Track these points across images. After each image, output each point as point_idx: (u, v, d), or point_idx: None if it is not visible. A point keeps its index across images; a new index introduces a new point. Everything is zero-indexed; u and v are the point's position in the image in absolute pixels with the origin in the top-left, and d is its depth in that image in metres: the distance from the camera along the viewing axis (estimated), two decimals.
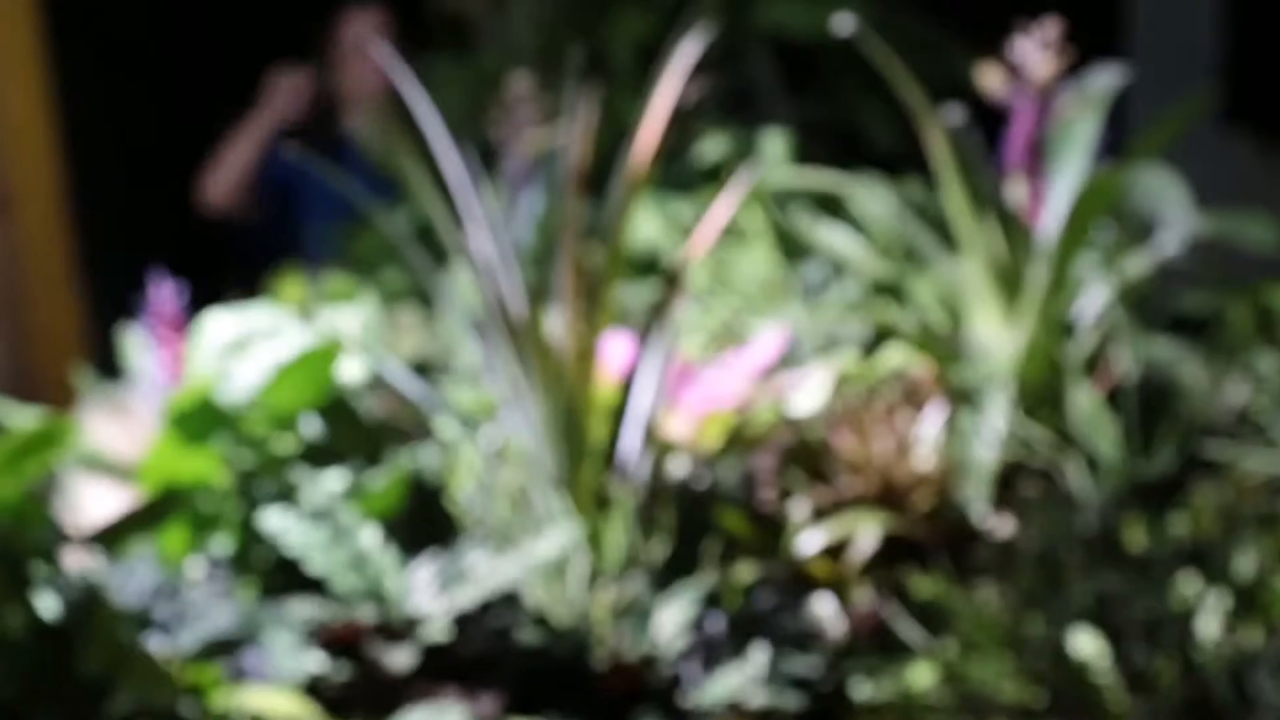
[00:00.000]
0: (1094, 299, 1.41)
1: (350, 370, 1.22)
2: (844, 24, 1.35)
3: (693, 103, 1.28)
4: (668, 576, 1.15)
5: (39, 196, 3.56)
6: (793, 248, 1.72)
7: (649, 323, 1.20)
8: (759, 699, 1.08)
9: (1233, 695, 0.93)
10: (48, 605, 0.98)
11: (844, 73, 2.45)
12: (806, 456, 1.27)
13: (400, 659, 1.06)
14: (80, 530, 1.11)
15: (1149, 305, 1.50)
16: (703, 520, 1.24)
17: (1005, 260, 1.39)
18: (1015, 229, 1.40)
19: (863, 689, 1.10)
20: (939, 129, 1.37)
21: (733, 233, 1.75)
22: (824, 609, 1.16)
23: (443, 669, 1.08)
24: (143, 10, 3.26)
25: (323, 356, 1.16)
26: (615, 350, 1.31)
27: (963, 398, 1.32)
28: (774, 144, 1.93)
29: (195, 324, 1.27)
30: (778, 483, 1.26)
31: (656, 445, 1.31)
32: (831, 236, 1.60)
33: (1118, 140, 1.44)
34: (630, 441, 1.22)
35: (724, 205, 1.20)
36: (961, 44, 2.54)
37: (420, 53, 2.80)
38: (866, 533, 1.21)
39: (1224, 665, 0.94)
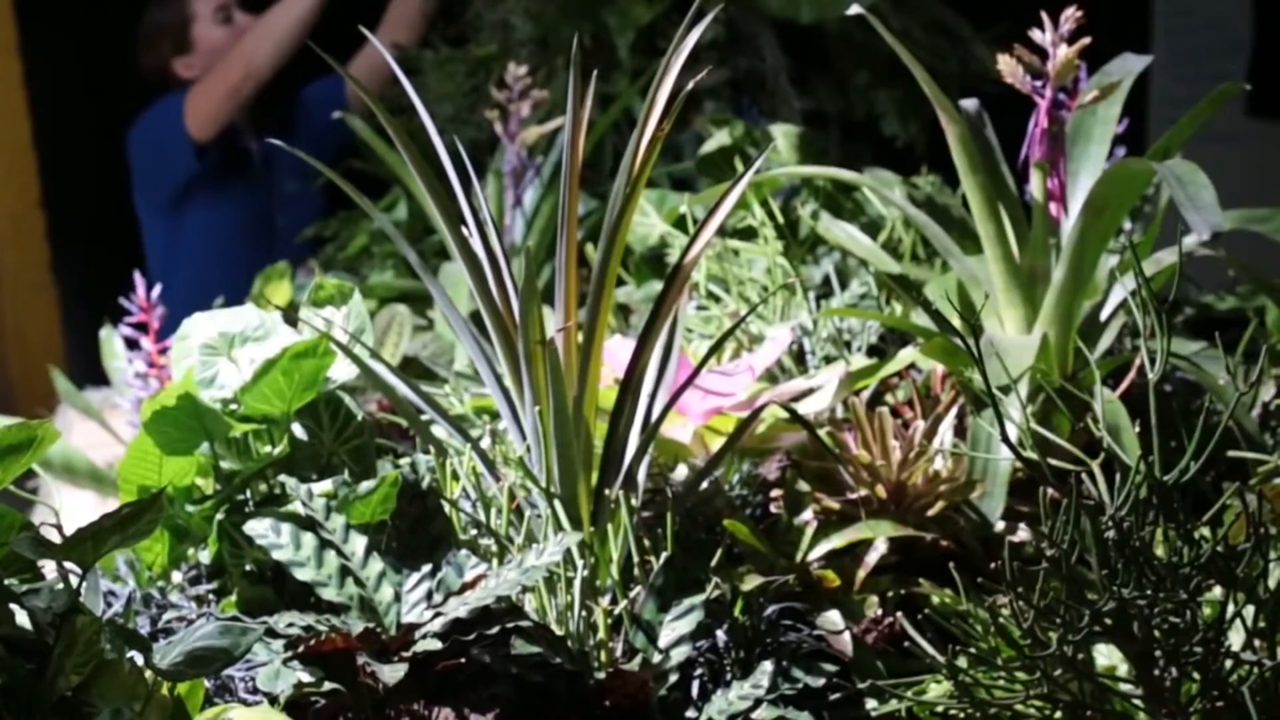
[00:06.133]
0: (1116, 296, 1.37)
1: (340, 372, 1.19)
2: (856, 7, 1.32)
3: (697, 93, 1.24)
4: (670, 586, 1.12)
5: (13, 199, 3.56)
6: (801, 245, 1.69)
7: (651, 322, 1.17)
8: (765, 714, 1.04)
9: (1262, 713, 0.89)
10: (24, 616, 0.95)
11: (857, 61, 2.42)
12: (815, 462, 1.24)
13: (391, 671, 1.02)
14: (58, 538, 1.08)
15: (1174, 303, 1.46)
16: (707, 527, 1.21)
17: (1024, 256, 1.36)
18: (1035, 224, 1.36)
19: (873, 704, 1.06)
20: (956, 120, 1.33)
21: (739, 229, 1.73)
22: (833, 620, 1.13)
23: (436, 682, 1.05)
24: (121, 9, 3.25)
25: (310, 357, 1.13)
26: (616, 351, 1.28)
27: (978, 400, 1.29)
28: (782, 136, 1.90)
29: (177, 326, 1.24)
30: (785, 489, 1.23)
31: (659, 449, 1.28)
32: (842, 233, 1.56)
33: (1139, 133, 1.41)
34: (631, 445, 1.18)
35: (729, 200, 1.17)
36: (980, 30, 2.51)
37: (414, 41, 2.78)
38: (877, 541, 1.18)
39: (1253, 682, 0.90)
